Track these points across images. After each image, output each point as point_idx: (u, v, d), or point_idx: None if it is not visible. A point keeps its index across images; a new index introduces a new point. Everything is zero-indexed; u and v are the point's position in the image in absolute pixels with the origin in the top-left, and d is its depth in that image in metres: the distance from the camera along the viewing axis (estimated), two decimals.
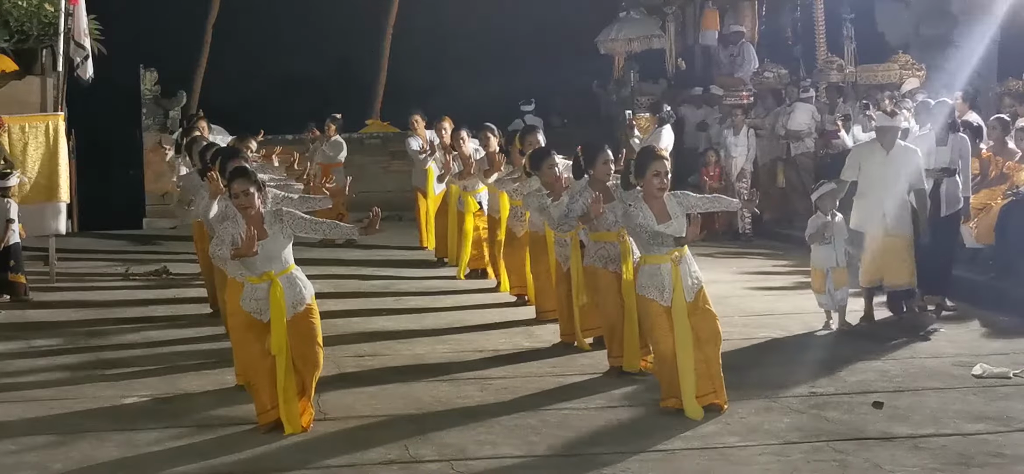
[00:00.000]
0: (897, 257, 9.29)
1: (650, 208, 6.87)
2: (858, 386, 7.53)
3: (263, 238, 6.48)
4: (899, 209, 9.30)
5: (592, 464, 6.09)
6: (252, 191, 6.50)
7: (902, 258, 9.28)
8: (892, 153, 9.36)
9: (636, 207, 6.88)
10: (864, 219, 9.44)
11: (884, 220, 9.28)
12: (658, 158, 6.97)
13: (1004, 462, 6.04)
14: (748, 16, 20.09)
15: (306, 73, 24.93)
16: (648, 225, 6.81)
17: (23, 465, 6.19)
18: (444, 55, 25.17)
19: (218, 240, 6.62)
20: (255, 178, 6.62)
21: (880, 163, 9.36)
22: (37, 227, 12.10)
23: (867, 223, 9.40)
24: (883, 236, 9.32)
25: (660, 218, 6.84)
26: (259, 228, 6.47)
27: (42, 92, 12.98)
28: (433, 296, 11.38)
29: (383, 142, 19.40)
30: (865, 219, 9.43)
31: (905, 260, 9.29)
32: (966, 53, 15.68)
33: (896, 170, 9.30)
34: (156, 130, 18.57)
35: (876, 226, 9.34)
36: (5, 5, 13.00)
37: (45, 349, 9.18)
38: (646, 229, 6.80)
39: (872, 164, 9.41)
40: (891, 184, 9.31)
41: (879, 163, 9.37)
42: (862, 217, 9.47)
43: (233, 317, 6.84)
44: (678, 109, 17.38)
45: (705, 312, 6.88)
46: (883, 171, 9.32)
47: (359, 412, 7.12)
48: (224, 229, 6.66)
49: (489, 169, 11.23)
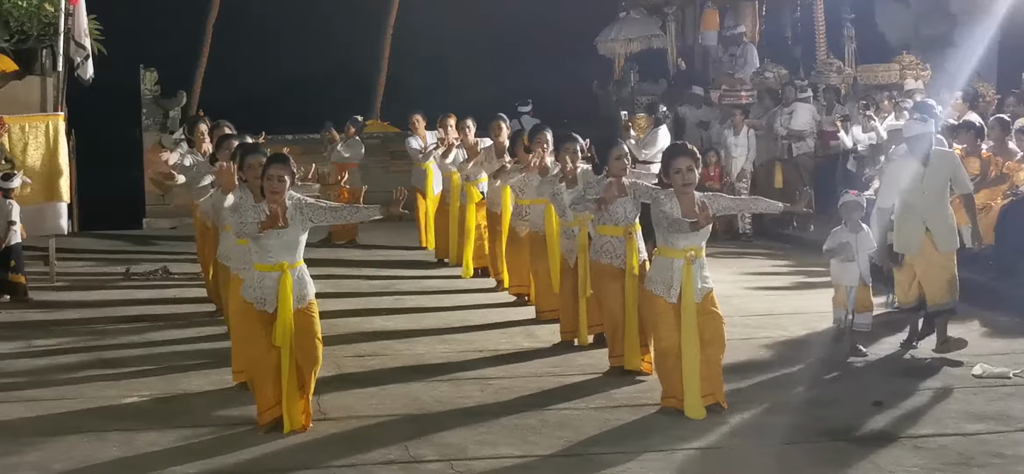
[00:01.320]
0: (941, 275, 8.27)
1: (680, 203, 6.91)
2: (858, 386, 7.53)
3: (284, 227, 6.54)
4: (945, 226, 8.29)
5: (592, 464, 6.09)
6: (286, 179, 6.60)
7: (946, 276, 8.27)
8: (929, 164, 8.30)
9: (668, 198, 6.93)
10: (908, 242, 8.35)
11: (931, 240, 8.24)
12: (681, 155, 6.96)
13: (1004, 462, 6.05)
14: (748, 16, 20.08)
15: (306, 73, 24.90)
16: (671, 213, 6.84)
17: (23, 465, 6.19)
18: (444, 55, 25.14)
19: (241, 219, 6.67)
20: (291, 169, 6.71)
21: (917, 177, 8.28)
22: (37, 227, 12.09)
23: (911, 245, 8.34)
24: (929, 256, 8.30)
25: (687, 213, 6.86)
26: (282, 217, 6.54)
27: (42, 92, 12.98)
28: (433, 296, 11.38)
29: (383, 142, 19.39)
30: (909, 242, 8.34)
31: (949, 277, 8.28)
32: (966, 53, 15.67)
33: (936, 182, 8.29)
34: (156, 130, 18.56)
35: (922, 248, 8.29)
36: (5, 5, 13.01)
37: (45, 349, 9.18)
38: (668, 217, 6.83)
39: (908, 180, 8.31)
40: (934, 199, 8.28)
41: (916, 177, 8.29)
42: (905, 240, 8.39)
43: (235, 311, 6.88)
44: (678, 109, 17.38)
45: (711, 314, 6.89)
46: (922, 185, 8.27)
47: (359, 412, 7.12)
48: (244, 209, 6.72)
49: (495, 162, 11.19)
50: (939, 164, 8.30)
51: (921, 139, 8.31)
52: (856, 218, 8.43)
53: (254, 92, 23.09)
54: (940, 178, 8.29)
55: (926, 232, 8.25)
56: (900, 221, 8.38)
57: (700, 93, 18.03)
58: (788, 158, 15.95)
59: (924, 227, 8.23)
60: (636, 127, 15.15)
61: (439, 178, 13.73)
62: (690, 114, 17.64)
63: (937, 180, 8.27)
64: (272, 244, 6.57)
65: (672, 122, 15.85)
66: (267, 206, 6.56)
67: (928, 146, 8.30)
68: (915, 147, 8.35)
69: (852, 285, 8.39)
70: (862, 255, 8.38)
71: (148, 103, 18.71)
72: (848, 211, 8.45)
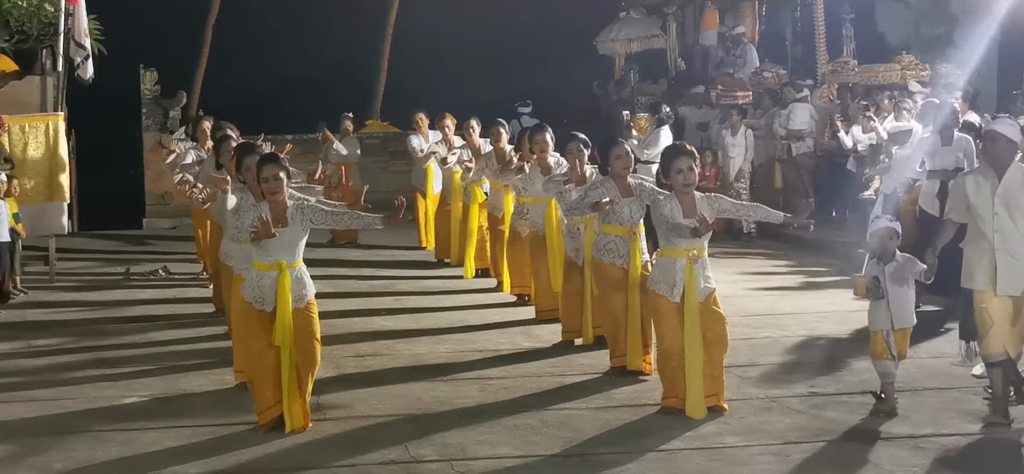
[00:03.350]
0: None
1: (680, 204, 6.92)
2: (858, 386, 7.53)
3: (284, 226, 6.55)
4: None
5: (592, 464, 6.09)
6: (282, 177, 6.61)
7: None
8: (1009, 179, 6.64)
9: (667, 199, 6.94)
10: (979, 275, 6.68)
11: (1014, 274, 6.59)
12: (681, 156, 6.96)
13: (1004, 462, 6.04)
14: (748, 16, 20.09)
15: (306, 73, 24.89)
16: (671, 216, 6.84)
17: (23, 465, 6.19)
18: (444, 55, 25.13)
19: (238, 221, 6.70)
20: (285, 165, 6.72)
21: (989, 195, 6.66)
22: (37, 227, 12.10)
23: (982, 279, 6.66)
24: (1016, 297, 6.63)
25: (688, 214, 6.86)
26: (281, 216, 6.54)
27: (42, 92, 13.00)
28: (433, 296, 11.38)
29: (383, 142, 19.40)
30: (981, 274, 6.67)
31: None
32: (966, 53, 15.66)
33: (1019, 202, 6.64)
34: (156, 130, 18.56)
35: (1005, 284, 6.60)
36: (5, 5, 13.02)
37: (45, 349, 9.18)
38: (668, 220, 6.84)
39: (982, 198, 6.67)
40: (1015, 222, 6.63)
41: (989, 195, 6.66)
42: (977, 273, 6.70)
43: (236, 310, 6.91)
44: (678, 109, 17.38)
45: (715, 314, 6.90)
46: (1000, 204, 6.63)
47: (359, 412, 7.12)
48: (245, 211, 6.74)
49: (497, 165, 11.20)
50: (1021, 182, 6.70)
51: (1000, 144, 6.71)
52: (889, 248, 6.97)
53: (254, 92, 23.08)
54: (1019, 198, 6.70)
55: (1010, 270, 6.66)
56: (970, 246, 6.81)
57: (700, 92, 18.04)
58: (788, 158, 15.95)
59: (1005, 262, 6.65)
60: (637, 127, 15.15)
61: (439, 178, 13.73)
62: (691, 115, 17.64)
63: (1017, 200, 6.67)
64: (272, 243, 6.57)
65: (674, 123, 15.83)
66: (267, 206, 6.56)
67: (1008, 157, 6.74)
68: (993, 157, 6.76)
69: (887, 329, 6.89)
70: (897, 290, 6.92)
71: (148, 103, 18.71)
72: (880, 243, 7.01)
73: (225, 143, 9.20)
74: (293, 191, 6.91)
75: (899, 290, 6.90)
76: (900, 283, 6.89)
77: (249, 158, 7.24)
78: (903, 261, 6.91)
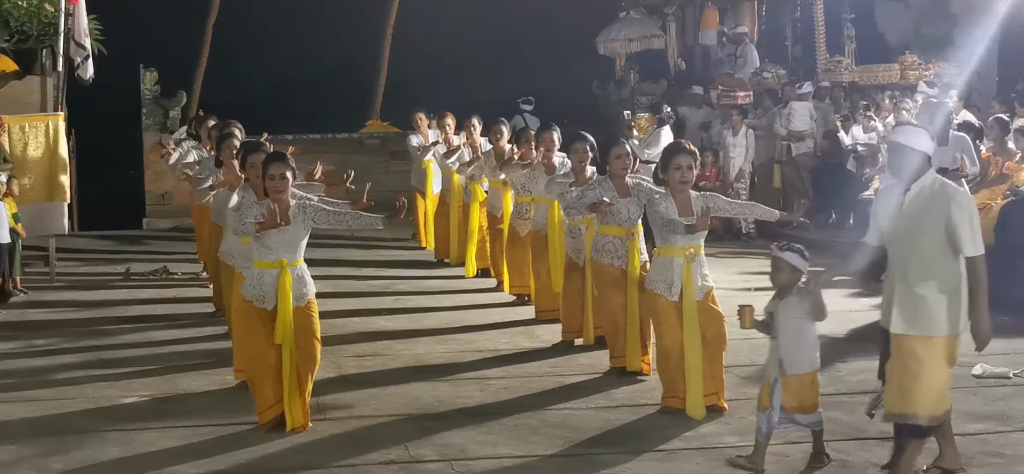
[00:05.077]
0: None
1: (675, 201, 6.92)
2: (858, 386, 7.53)
3: (286, 224, 6.56)
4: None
5: (592, 464, 6.10)
6: (288, 176, 6.63)
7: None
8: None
9: (663, 197, 6.97)
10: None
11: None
12: (681, 153, 6.99)
13: (1004, 462, 6.05)
14: (748, 16, 20.09)
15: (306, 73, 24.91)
16: (666, 214, 6.85)
17: (23, 465, 6.19)
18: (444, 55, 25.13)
19: (242, 218, 6.71)
20: (291, 164, 6.73)
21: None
22: (37, 227, 12.10)
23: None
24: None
25: (683, 212, 6.87)
26: (284, 215, 6.56)
27: (42, 92, 13.00)
28: (433, 296, 11.38)
29: (383, 142, 19.38)
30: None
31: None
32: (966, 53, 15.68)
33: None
34: (156, 130, 18.54)
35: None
36: (5, 5, 13.02)
37: (45, 349, 9.18)
38: (663, 217, 6.86)
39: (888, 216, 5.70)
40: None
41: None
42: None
43: (236, 309, 6.92)
44: (678, 109, 17.39)
45: (713, 312, 6.91)
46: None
47: (359, 412, 7.12)
48: (247, 207, 6.76)
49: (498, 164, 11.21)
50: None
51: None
52: (792, 283, 6.01)
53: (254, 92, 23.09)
54: None
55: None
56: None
57: (700, 93, 18.04)
58: (788, 158, 15.96)
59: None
60: (638, 127, 15.16)
61: (439, 177, 13.73)
62: (691, 115, 17.65)
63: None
64: (273, 241, 6.59)
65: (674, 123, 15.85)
66: (269, 205, 6.58)
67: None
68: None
69: (775, 375, 5.94)
70: (793, 331, 5.90)
71: (148, 103, 18.69)
72: (780, 273, 6.04)
73: (227, 141, 9.21)
74: (296, 190, 6.92)
75: (794, 331, 5.86)
76: (794, 322, 5.86)
77: (254, 156, 7.24)
78: (798, 299, 5.89)
